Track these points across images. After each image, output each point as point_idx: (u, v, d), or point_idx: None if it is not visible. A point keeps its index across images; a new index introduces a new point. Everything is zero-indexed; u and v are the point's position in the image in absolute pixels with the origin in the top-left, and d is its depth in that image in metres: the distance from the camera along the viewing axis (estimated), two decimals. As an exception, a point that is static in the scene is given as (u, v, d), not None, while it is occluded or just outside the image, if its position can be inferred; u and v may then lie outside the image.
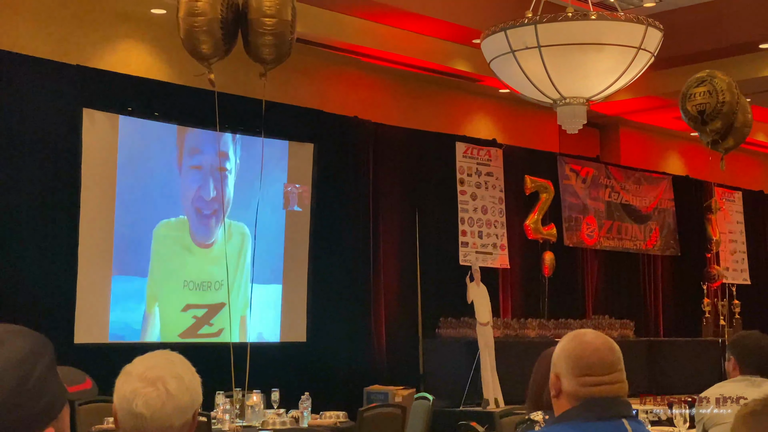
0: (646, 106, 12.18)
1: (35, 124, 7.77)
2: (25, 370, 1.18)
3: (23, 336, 1.23)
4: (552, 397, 2.33)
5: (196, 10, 5.73)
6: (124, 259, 8.27)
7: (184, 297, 8.59)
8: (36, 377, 1.19)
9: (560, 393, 2.28)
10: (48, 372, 1.22)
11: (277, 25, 5.73)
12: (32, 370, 1.19)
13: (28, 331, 1.26)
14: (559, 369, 2.32)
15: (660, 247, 12.96)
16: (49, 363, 1.23)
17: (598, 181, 12.20)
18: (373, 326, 9.91)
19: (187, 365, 2.10)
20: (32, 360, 1.20)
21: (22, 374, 1.17)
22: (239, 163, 8.96)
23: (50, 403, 1.20)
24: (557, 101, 6.58)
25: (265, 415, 6.29)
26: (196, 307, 8.65)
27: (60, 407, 1.23)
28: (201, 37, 5.75)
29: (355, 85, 10.33)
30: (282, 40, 5.79)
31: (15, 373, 1.17)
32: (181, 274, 8.59)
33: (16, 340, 1.21)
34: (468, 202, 10.69)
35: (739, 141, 7.98)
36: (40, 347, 1.23)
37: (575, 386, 2.21)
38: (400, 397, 8.68)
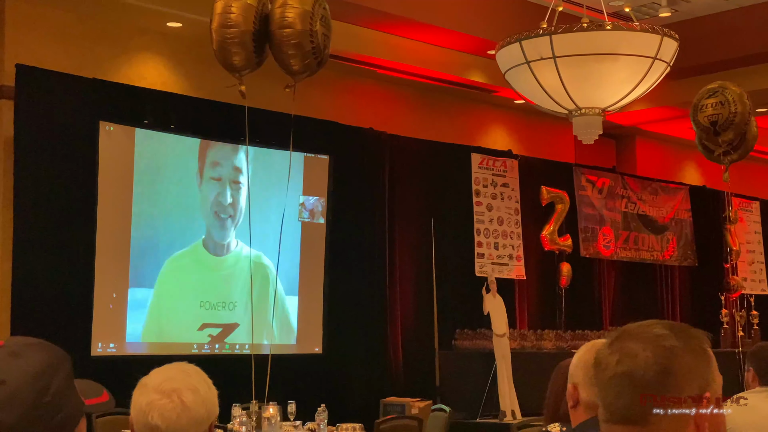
0: (663, 116, 12.14)
1: (53, 136, 7.82)
2: (43, 383, 1.18)
3: (41, 349, 1.23)
4: (569, 408, 2.33)
5: (228, 21, 5.73)
6: (141, 272, 8.29)
7: (200, 316, 8.60)
8: (53, 391, 1.19)
9: (578, 403, 2.28)
10: (65, 385, 1.22)
11: (292, 35, 5.74)
12: (50, 384, 1.19)
13: (46, 344, 1.26)
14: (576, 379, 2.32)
15: (677, 258, 12.90)
16: (67, 376, 1.23)
17: (614, 191, 12.16)
18: (389, 338, 9.90)
19: (204, 377, 2.10)
20: (50, 373, 1.20)
21: (39, 388, 1.18)
22: (255, 176, 8.98)
23: (67, 417, 1.20)
24: (573, 112, 6.57)
25: (281, 427, 6.28)
26: (212, 326, 8.67)
27: (77, 420, 1.23)
28: (233, 48, 5.76)
29: (371, 97, 10.35)
30: (301, 50, 5.79)
31: (33, 387, 1.17)
32: (196, 293, 8.61)
33: (34, 354, 1.21)
34: (484, 213, 10.67)
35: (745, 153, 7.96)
36: (58, 360, 1.23)
37: (593, 396, 2.22)
38: (417, 409, 8.66)
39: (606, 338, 1.55)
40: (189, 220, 8.66)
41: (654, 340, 1.45)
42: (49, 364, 1.21)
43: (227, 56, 5.80)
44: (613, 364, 1.45)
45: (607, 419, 1.46)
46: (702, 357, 1.48)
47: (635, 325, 1.51)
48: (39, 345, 1.24)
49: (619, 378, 1.44)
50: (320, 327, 9.40)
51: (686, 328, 1.49)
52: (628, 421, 1.43)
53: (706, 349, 1.49)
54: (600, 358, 1.49)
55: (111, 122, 8.10)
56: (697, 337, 1.49)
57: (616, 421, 1.44)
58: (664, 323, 1.50)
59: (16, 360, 1.19)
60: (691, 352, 1.46)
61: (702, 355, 1.48)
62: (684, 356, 1.45)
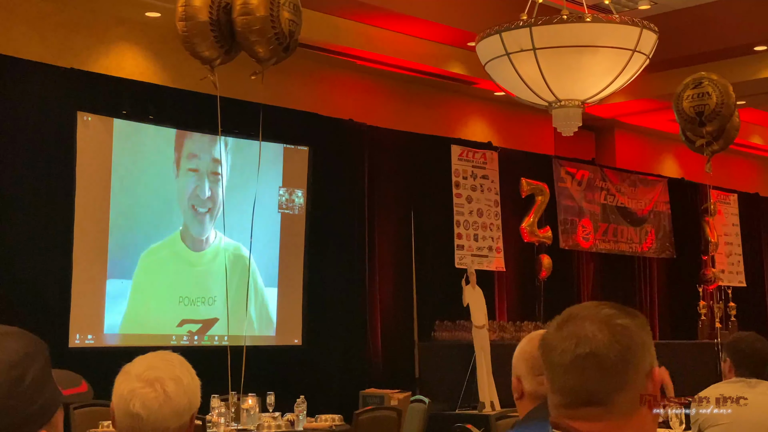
0: (642, 108, 12.19)
1: (30, 127, 7.76)
2: (19, 372, 1.17)
3: (17, 338, 1.21)
4: (516, 400, 2.38)
5: (185, 14, 5.74)
6: (119, 263, 8.25)
7: (180, 312, 8.57)
8: (30, 379, 1.17)
9: (522, 395, 2.34)
10: (42, 374, 1.20)
11: (253, 22, 5.71)
12: (26, 372, 1.17)
13: (22, 332, 1.24)
14: (519, 371, 2.38)
15: (655, 250, 12.97)
16: (44, 365, 1.21)
17: (593, 183, 12.20)
18: (368, 329, 9.90)
19: (187, 367, 2.09)
20: (26, 362, 1.18)
21: (15, 376, 1.16)
22: (234, 167, 8.95)
23: (44, 406, 1.19)
24: (552, 104, 6.57)
25: (260, 419, 6.27)
26: (192, 322, 8.64)
27: (54, 410, 1.21)
28: (194, 40, 5.75)
29: (350, 89, 10.32)
30: (264, 36, 5.75)
31: (8, 376, 1.15)
32: (175, 289, 8.57)
33: (9, 342, 1.20)
34: (463, 205, 10.68)
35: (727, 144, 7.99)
36: (35, 349, 1.22)
37: (535, 386, 2.29)
38: (396, 401, 8.66)
39: (549, 326, 1.55)
40: (167, 212, 8.62)
41: (607, 320, 1.46)
42: (25, 353, 1.19)
43: (192, 48, 5.80)
44: (571, 348, 1.45)
45: (568, 404, 1.45)
46: (649, 333, 1.50)
47: (580, 307, 1.52)
48: (15, 333, 1.22)
49: (582, 360, 1.43)
50: (299, 319, 9.40)
51: (628, 308, 1.51)
52: (592, 403, 1.43)
53: (648, 325, 1.51)
54: (552, 344, 1.48)
55: (89, 112, 8.06)
56: (640, 315, 1.52)
57: (578, 405, 1.43)
58: (607, 304, 1.51)
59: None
60: (641, 329, 1.48)
61: (648, 331, 1.51)
62: (637, 333, 1.47)
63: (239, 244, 8.86)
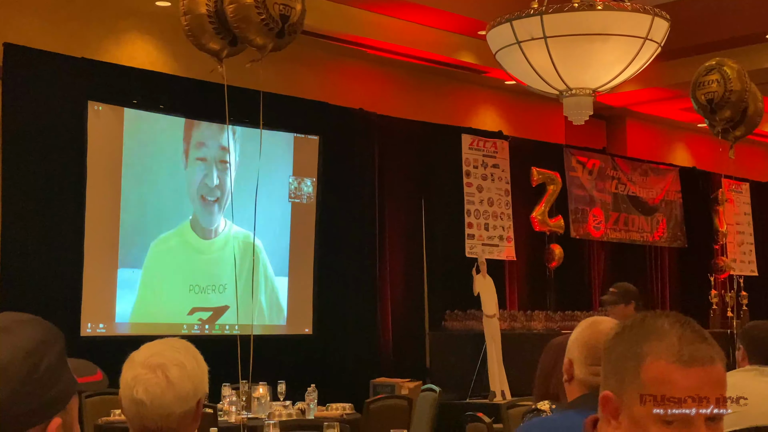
0: (653, 97, 12.13)
1: (41, 116, 7.78)
2: (35, 359, 1.17)
3: (33, 325, 1.22)
4: (564, 381, 2.34)
5: (185, 8, 5.74)
6: (131, 252, 8.27)
7: (190, 300, 8.59)
8: (45, 367, 1.17)
9: (572, 379, 2.31)
10: (58, 362, 1.20)
11: (238, 9, 5.69)
12: (41, 360, 1.17)
13: (38, 320, 1.24)
14: (572, 355, 2.34)
15: (667, 239, 12.93)
16: (59, 353, 1.21)
17: (604, 172, 12.17)
18: (379, 319, 9.90)
19: (193, 353, 2.09)
20: (42, 349, 1.19)
21: (31, 364, 1.16)
22: (244, 156, 8.95)
23: (59, 394, 1.19)
24: (563, 92, 6.54)
25: (271, 407, 6.29)
26: (202, 310, 8.65)
27: (68, 398, 1.21)
28: (195, 33, 5.74)
29: (361, 78, 10.31)
30: (250, 23, 5.71)
31: (24, 363, 1.16)
32: (185, 277, 8.58)
33: (26, 329, 1.20)
34: (474, 194, 10.66)
35: (750, 129, 7.91)
36: (51, 337, 1.22)
37: (587, 374, 2.24)
38: (407, 390, 8.67)
39: (623, 324, 1.55)
40: (177, 202, 8.63)
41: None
42: (41, 341, 1.19)
43: (196, 41, 5.80)
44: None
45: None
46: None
47: (661, 317, 1.54)
48: (31, 321, 1.22)
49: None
50: (310, 307, 9.41)
51: (702, 330, 1.58)
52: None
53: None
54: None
55: (100, 102, 8.07)
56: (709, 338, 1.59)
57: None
58: (682, 321, 1.55)
59: (8, 336, 1.17)
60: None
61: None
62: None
63: (249, 233, 8.86)
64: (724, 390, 1.49)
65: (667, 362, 1.46)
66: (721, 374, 1.49)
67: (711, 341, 1.50)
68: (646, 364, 1.47)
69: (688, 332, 1.49)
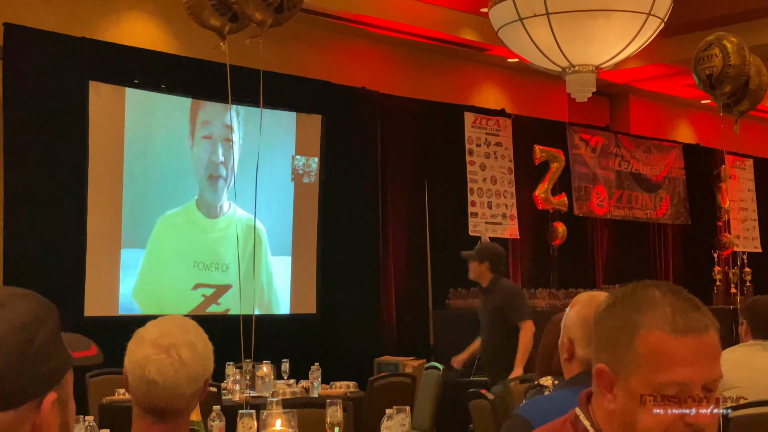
0: (656, 73, 12.08)
1: (42, 96, 7.75)
2: (29, 334, 1.16)
3: (28, 300, 1.21)
4: (563, 360, 2.33)
5: None
6: (133, 232, 8.27)
7: (194, 276, 8.60)
8: (40, 342, 1.17)
9: (572, 357, 2.29)
10: (52, 337, 1.19)
11: None
12: (36, 335, 1.17)
13: (32, 294, 1.23)
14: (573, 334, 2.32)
15: (670, 216, 12.91)
16: (54, 328, 1.21)
17: (607, 150, 12.13)
18: (383, 298, 9.91)
19: (201, 332, 2.09)
20: (36, 324, 1.18)
21: (25, 338, 1.15)
22: (247, 135, 8.93)
23: (54, 368, 1.18)
24: (566, 69, 6.51)
25: (275, 386, 6.30)
26: (205, 286, 8.67)
27: (64, 373, 1.21)
28: (195, 10, 5.71)
29: (363, 56, 10.27)
30: None
31: (18, 338, 1.15)
32: (190, 254, 8.59)
33: (20, 304, 1.19)
34: (477, 173, 10.64)
35: (754, 104, 7.86)
36: (45, 311, 1.21)
37: (589, 353, 2.22)
38: (411, 368, 8.69)
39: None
40: (181, 180, 8.62)
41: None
42: (35, 315, 1.19)
43: (197, 18, 5.76)
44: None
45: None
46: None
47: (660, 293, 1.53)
48: (25, 295, 1.22)
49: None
50: (314, 287, 9.41)
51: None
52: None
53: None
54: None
55: (101, 81, 8.04)
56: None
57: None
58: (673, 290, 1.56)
59: (2, 310, 1.16)
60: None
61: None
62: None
63: (252, 217, 8.89)
64: (718, 358, 1.49)
65: (662, 332, 1.45)
66: (715, 342, 1.48)
67: (704, 309, 1.49)
68: (640, 335, 1.46)
69: (680, 301, 1.48)
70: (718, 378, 1.46)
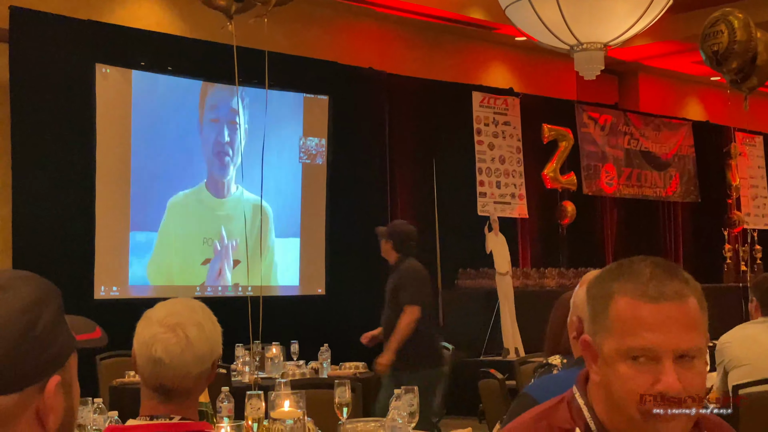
0: (665, 50, 12.01)
1: (49, 79, 7.75)
2: (32, 317, 1.15)
3: (30, 282, 1.20)
4: (571, 338, 2.32)
5: None
6: (142, 214, 8.28)
7: (204, 252, 8.62)
8: (42, 325, 1.16)
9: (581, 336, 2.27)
10: (55, 320, 1.19)
11: None
12: (38, 318, 1.16)
13: (35, 277, 1.22)
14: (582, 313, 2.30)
15: (680, 194, 12.86)
16: (57, 311, 1.20)
17: (616, 128, 12.08)
18: (391, 278, 9.89)
19: (209, 314, 2.09)
20: (39, 307, 1.17)
21: (27, 321, 1.14)
22: (254, 117, 8.91)
23: (57, 352, 1.17)
24: (574, 47, 6.47)
25: (284, 367, 6.31)
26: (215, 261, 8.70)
27: (67, 355, 1.20)
28: (203, -11, 5.69)
29: (370, 36, 10.23)
30: None
31: (21, 321, 1.14)
32: (199, 232, 8.61)
33: (22, 287, 1.18)
34: (485, 152, 10.60)
35: (762, 80, 7.80)
36: (48, 294, 1.20)
37: None
38: (420, 348, 8.68)
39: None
40: (189, 163, 8.62)
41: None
42: (37, 298, 1.18)
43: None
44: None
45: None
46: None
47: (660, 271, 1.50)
48: (28, 278, 1.21)
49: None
50: (322, 268, 9.42)
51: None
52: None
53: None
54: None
55: (107, 64, 8.03)
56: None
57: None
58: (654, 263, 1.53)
59: (3, 293, 1.16)
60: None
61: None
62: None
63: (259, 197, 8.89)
64: (695, 327, 1.43)
65: (632, 297, 1.43)
66: (690, 312, 1.43)
67: (683, 279, 1.45)
68: (613, 302, 1.45)
69: (659, 270, 1.45)
70: (692, 348, 1.41)
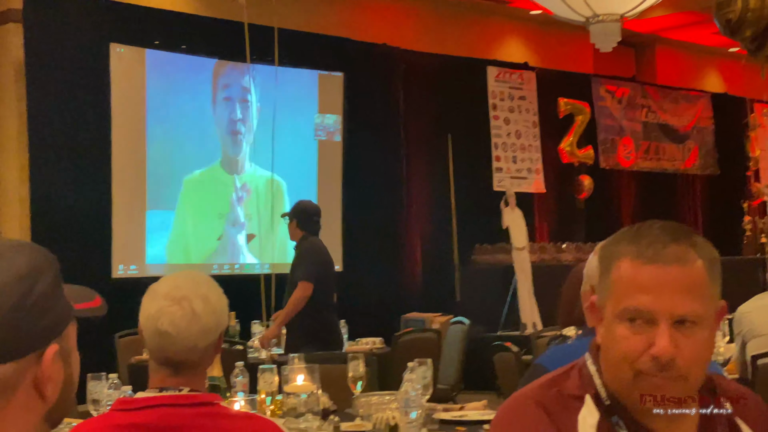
0: (683, 21, 11.88)
1: (63, 59, 7.76)
2: (27, 285, 1.14)
3: (26, 251, 1.19)
4: (585, 308, 2.30)
5: None
6: (158, 193, 8.30)
7: (219, 227, 8.65)
8: (38, 293, 1.15)
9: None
10: (52, 288, 1.17)
11: None
12: (34, 286, 1.15)
13: (31, 245, 1.21)
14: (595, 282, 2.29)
15: (699, 167, 12.77)
16: (53, 279, 1.19)
17: (634, 101, 11.99)
18: (408, 254, 9.91)
19: (214, 286, 2.08)
20: (34, 276, 1.16)
21: (23, 290, 1.14)
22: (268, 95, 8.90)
23: (54, 320, 1.17)
24: (590, 19, 6.43)
25: (301, 343, 6.32)
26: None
27: (64, 325, 1.19)
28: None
29: (383, 12, 10.18)
30: None
31: (15, 289, 1.13)
32: (214, 208, 8.64)
33: (17, 255, 1.17)
34: (501, 127, 10.56)
35: None
36: (44, 263, 1.19)
37: None
38: (438, 324, 8.68)
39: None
40: (204, 141, 8.64)
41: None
42: (33, 266, 1.17)
43: None
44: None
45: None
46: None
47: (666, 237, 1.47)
48: (23, 246, 1.19)
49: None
50: (339, 245, 9.41)
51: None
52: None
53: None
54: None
55: (121, 44, 8.03)
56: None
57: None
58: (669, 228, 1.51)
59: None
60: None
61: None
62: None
63: (274, 175, 8.89)
64: (697, 293, 1.40)
65: (630, 259, 1.41)
66: (693, 276, 1.40)
67: (691, 243, 1.41)
68: (615, 264, 1.44)
69: (664, 234, 1.42)
70: (690, 313, 1.37)
